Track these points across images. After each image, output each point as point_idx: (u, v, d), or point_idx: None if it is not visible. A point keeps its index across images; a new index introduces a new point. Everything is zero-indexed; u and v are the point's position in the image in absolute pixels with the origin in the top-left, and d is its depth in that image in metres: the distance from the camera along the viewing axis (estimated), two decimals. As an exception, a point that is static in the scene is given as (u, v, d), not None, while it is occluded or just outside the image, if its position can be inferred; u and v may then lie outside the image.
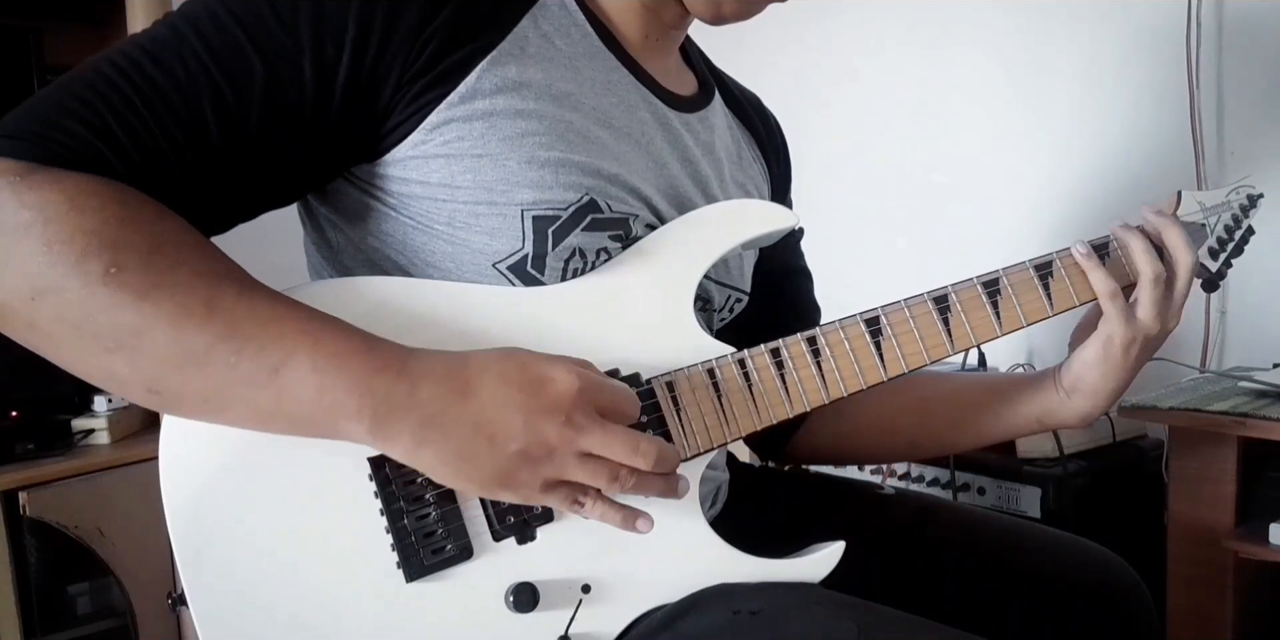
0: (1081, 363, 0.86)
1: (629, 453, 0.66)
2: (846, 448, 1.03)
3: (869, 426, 0.99)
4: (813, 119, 1.94)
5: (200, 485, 0.70)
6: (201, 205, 0.69)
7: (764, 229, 0.80)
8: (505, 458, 0.65)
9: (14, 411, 1.60)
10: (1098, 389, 0.86)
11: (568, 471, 0.66)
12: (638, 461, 0.66)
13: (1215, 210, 0.92)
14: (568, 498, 0.68)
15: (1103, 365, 0.84)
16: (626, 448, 0.66)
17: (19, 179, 0.62)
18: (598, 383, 0.68)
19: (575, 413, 0.65)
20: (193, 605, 0.69)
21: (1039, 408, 0.91)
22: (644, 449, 0.66)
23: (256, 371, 0.63)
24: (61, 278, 0.62)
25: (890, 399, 0.94)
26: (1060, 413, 0.89)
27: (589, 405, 0.66)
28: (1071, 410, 0.89)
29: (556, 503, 0.68)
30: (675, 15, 0.84)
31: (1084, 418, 0.89)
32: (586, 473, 0.66)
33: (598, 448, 0.66)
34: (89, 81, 0.65)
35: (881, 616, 0.73)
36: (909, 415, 0.97)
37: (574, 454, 0.66)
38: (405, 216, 0.75)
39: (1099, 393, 0.86)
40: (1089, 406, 0.87)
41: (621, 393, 0.69)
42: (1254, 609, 1.24)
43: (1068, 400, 0.88)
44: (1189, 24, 1.51)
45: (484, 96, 0.72)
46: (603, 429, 0.66)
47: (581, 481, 0.67)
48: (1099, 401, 0.87)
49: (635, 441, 0.66)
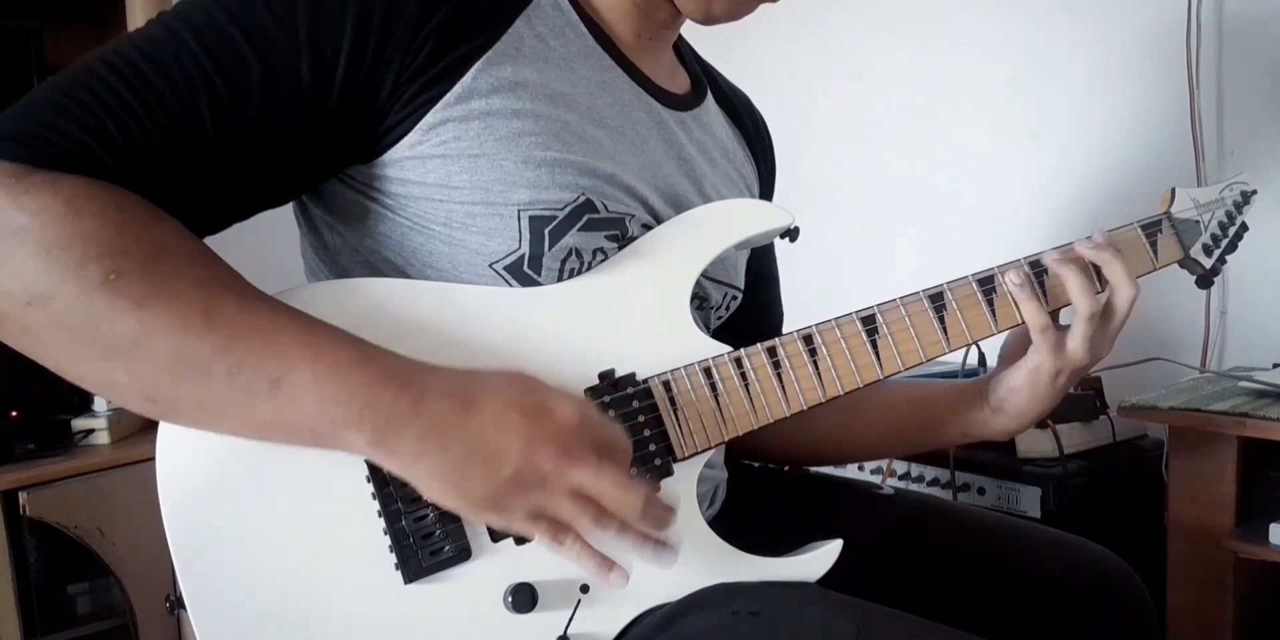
0: (1008, 387, 0.87)
1: (619, 491, 0.65)
2: (788, 449, 1.02)
3: (807, 429, 0.97)
4: (812, 119, 1.94)
5: (197, 487, 0.70)
6: (196, 206, 0.69)
7: (759, 228, 0.81)
8: (498, 480, 0.64)
9: (14, 411, 1.60)
10: (1023, 411, 0.87)
11: (555, 503, 0.65)
12: (626, 501, 0.65)
13: (1209, 207, 0.92)
14: (549, 531, 0.67)
15: (1029, 391, 0.85)
16: (617, 486, 0.65)
17: (14, 182, 0.61)
18: (597, 419, 0.68)
19: (573, 444, 0.65)
20: (191, 607, 0.69)
21: (964, 423, 0.92)
22: (634, 489, 0.65)
23: (256, 382, 0.63)
24: (59, 283, 0.61)
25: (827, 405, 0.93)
26: (985, 429, 0.91)
27: (587, 439, 0.66)
28: (996, 427, 0.90)
29: (539, 534, 0.67)
30: (667, 15, 0.84)
31: (1007, 434, 0.91)
32: (573, 509, 0.65)
33: (589, 482, 0.65)
34: (84, 82, 0.65)
35: (880, 616, 0.73)
36: (837, 423, 0.97)
37: (564, 486, 0.65)
38: (402, 217, 0.75)
39: (1024, 414, 0.87)
40: (1014, 426, 0.89)
41: (617, 433, 0.69)
42: (1254, 609, 1.23)
43: (993, 417, 0.89)
44: (1189, 24, 1.50)
45: (480, 97, 0.72)
46: (596, 466, 0.65)
47: (566, 518, 0.66)
48: (1024, 421, 0.88)
49: (627, 481, 0.65)
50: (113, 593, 1.60)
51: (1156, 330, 1.51)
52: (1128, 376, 1.41)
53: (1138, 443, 1.47)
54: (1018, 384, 0.86)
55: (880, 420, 0.97)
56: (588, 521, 0.66)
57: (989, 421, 0.90)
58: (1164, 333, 1.53)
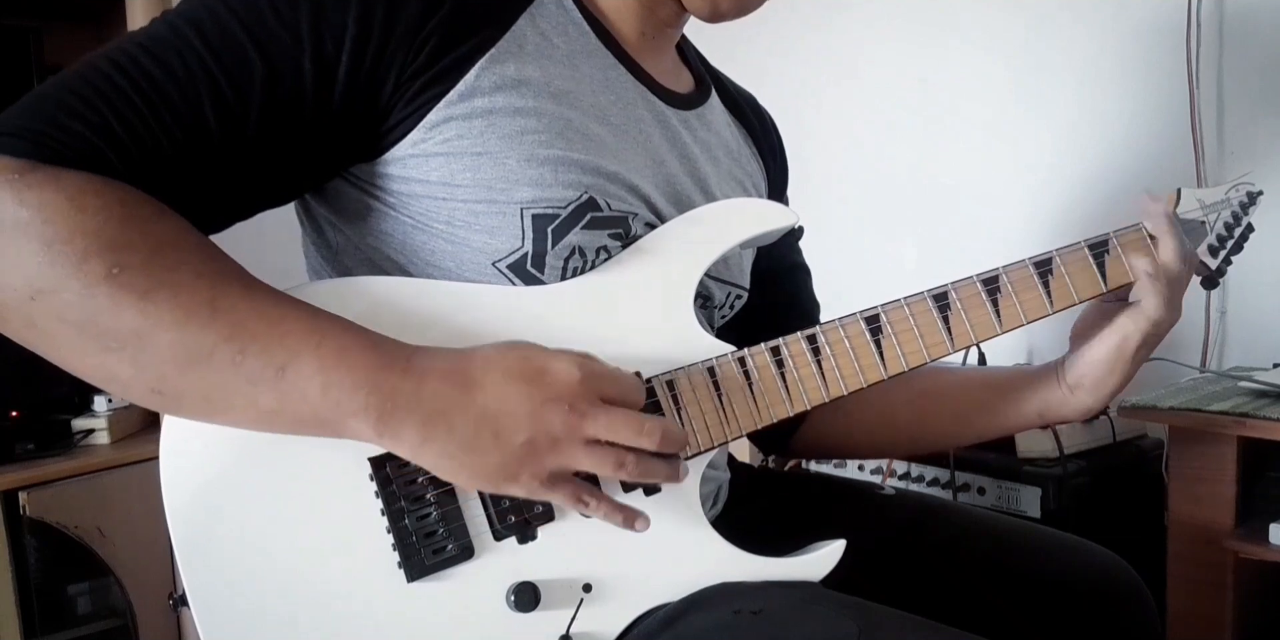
0: (1087, 362, 0.86)
1: (634, 433, 0.66)
2: (848, 443, 1.03)
3: (871, 421, 0.99)
4: (814, 119, 1.94)
5: (201, 485, 0.70)
6: (199, 203, 0.69)
7: (763, 227, 0.80)
8: (511, 450, 0.65)
9: (14, 411, 1.60)
10: (1103, 384, 0.86)
11: (574, 460, 0.66)
12: (644, 441, 0.66)
13: (1215, 208, 0.92)
14: (572, 494, 0.68)
15: (1112, 362, 0.85)
16: (631, 428, 0.66)
17: (18, 177, 0.62)
18: (600, 371, 0.68)
19: (579, 401, 0.66)
20: (193, 605, 0.69)
21: (1040, 403, 0.91)
22: (649, 428, 0.66)
23: (261, 371, 0.63)
24: (62, 278, 0.61)
25: (892, 394, 0.93)
26: (1063, 408, 0.90)
27: (593, 393, 0.66)
28: (1074, 406, 0.89)
29: (561, 499, 0.68)
30: (671, 13, 0.85)
31: (1086, 412, 0.89)
32: (593, 460, 0.66)
33: (603, 432, 0.66)
34: (87, 78, 0.65)
35: (882, 616, 0.73)
36: (910, 411, 0.97)
37: (580, 441, 0.66)
38: (405, 215, 0.75)
39: (1104, 388, 0.86)
40: (1092, 402, 0.88)
41: (625, 380, 0.69)
42: (1254, 609, 1.24)
43: (1070, 396, 0.88)
44: (1189, 23, 1.51)
45: (483, 94, 0.72)
46: (607, 413, 0.66)
47: (588, 469, 0.67)
48: (1102, 396, 0.87)
49: (640, 422, 0.66)
50: (113, 593, 1.60)
51: (1156, 330, 1.51)
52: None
53: (1138, 443, 1.48)
54: (1099, 357, 0.85)
55: (951, 406, 0.96)
56: (609, 470, 0.67)
57: (1067, 400, 0.89)
58: (1164, 333, 1.53)
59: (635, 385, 0.70)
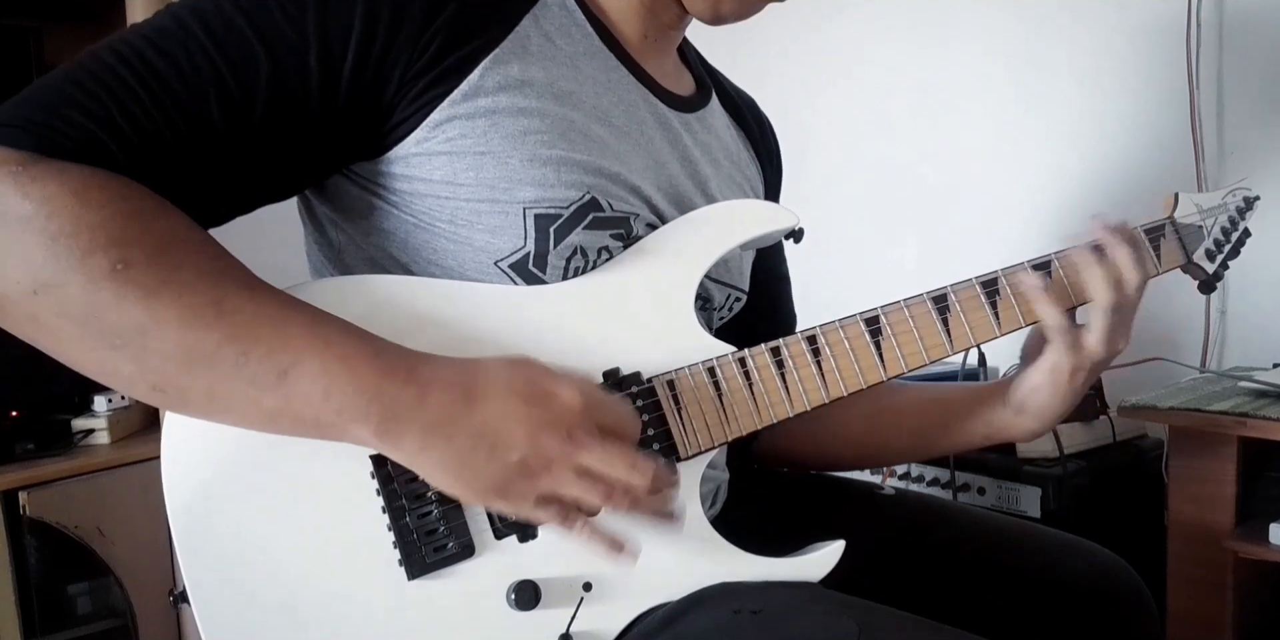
0: (1029, 387, 0.86)
1: (626, 468, 0.66)
2: (801, 453, 1.02)
3: (824, 433, 0.98)
4: (815, 120, 1.94)
5: (202, 483, 0.70)
6: (200, 197, 0.69)
7: (765, 229, 0.81)
8: (504, 467, 0.65)
9: (14, 411, 1.60)
10: (1045, 411, 0.86)
11: (563, 486, 0.66)
12: (635, 478, 0.66)
13: (1212, 212, 0.92)
14: (559, 515, 0.68)
15: (1050, 390, 0.84)
16: (624, 463, 0.66)
17: (21, 169, 0.61)
18: (601, 400, 0.68)
19: (577, 428, 0.66)
20: (194, 602, 0.69)
21: (985, 425, 0.91)
22: (641, 466, 0.66)
23: (264, 373, 0.63)
24: (66, 272, 0.61)
25: (846, 408, 0.90)
26: (1008, 430, 0.90)
27: (591, 422, 0.67)
28: (1019, 428, 0.89)
29: (548, 519, 0.68)
30: (674, 15, 0.85)
31: (1031, 435, 0.90)
32: (581, 489, 0.66)
33: (596, 462, 0.66)
34: (92, 71, 0.65)
35: (882, 616, 0.73)
36: (863, 425, 0.97)
37: (571, 468, 0.66)
38: (407, 214, 0.75)
39: (1046, 414, 0.86)
40: (1037, 426, 0.88)
41: (624, 412, 0.70)
42: (1254, 609, 1.24)
43: (1015, 419, 0.89)
44: (1189, 23, 1.51)
45: (486, 94, 0.72)
46: (602, 446, 0.66)
47: (576, 498, 0.67)
48: (1046, 422, 0.87)
49: (633, 458, 0.67)
50: (113, 592, 1.60)
51: (1156, 330, 1.52)
52: (1128, 376, 1.41)
53: (1138, 443, 1.48)
54: (1038, 383, 0.85)
55: (902, 423, 0.97)
56: (597, 501, 0.67)
57: (1012, 422, 0.89)
58: (1164, 333, 1.53)
59: (633, 418, 0.70)
